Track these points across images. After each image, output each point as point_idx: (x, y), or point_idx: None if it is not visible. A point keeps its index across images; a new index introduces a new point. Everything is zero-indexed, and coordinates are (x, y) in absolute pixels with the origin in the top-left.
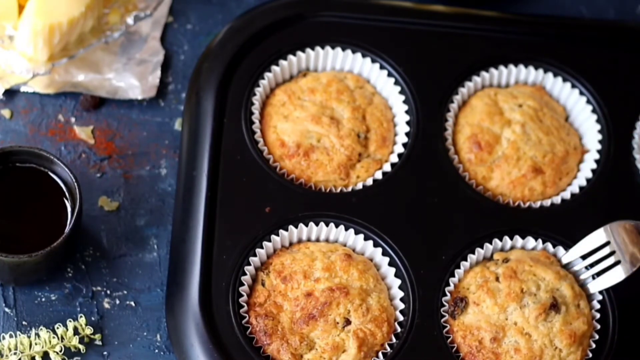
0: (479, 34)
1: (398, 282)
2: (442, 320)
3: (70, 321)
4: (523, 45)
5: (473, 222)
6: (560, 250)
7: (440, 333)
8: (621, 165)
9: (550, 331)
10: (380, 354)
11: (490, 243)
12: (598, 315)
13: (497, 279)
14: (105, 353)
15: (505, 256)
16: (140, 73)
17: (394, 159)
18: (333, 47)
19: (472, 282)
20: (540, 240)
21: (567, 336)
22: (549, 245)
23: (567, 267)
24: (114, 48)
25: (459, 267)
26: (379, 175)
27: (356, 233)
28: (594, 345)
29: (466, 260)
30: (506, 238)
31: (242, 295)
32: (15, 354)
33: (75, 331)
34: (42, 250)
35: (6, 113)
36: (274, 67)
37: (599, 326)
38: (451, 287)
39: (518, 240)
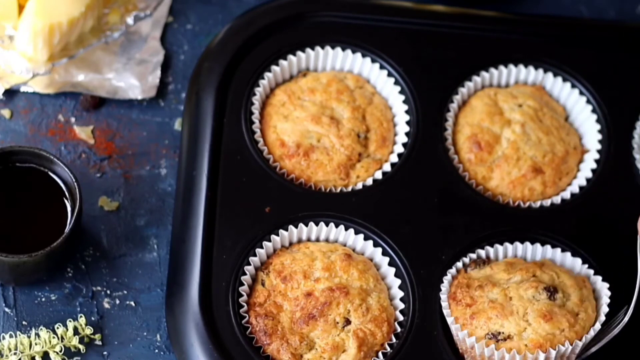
0: (479, 34)
1: (398, 282)
2: (454, 271)
3: (70, 321)
4: (523, 45)
5: (473, 222)
6: (596, 279)
7: (440, 333)
8: (621, 165)
9: (531, 304)
10: (380, 354)
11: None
12: (592, 334)
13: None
14: (105, 353)
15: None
16: (140, 73)
17: (394, 159)
18: (333, 47)
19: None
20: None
21: (541, 314)
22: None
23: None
24: (114, 48)
25: (457, 267)
26: (379, 175)
27: (356, 233)
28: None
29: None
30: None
31: (242, 295)
32: (15, 354)
33: (75, 331)
34: (42, 250)
35: (6, 113)
36: (274, 67)
37: (580, 344)
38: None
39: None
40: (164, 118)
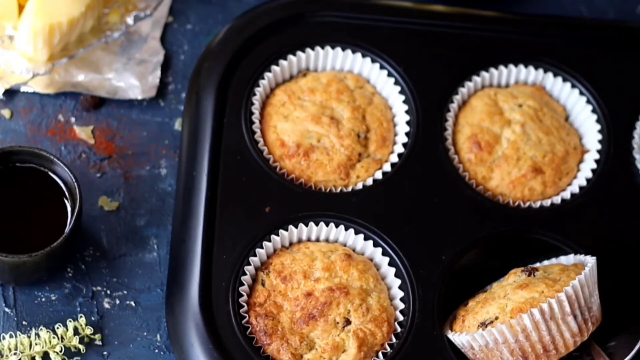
0: (479, 34)
1: (398, 282)
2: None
3: (70, 321)
4: (523, 45)
5: (473, 222)
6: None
7: (440, 333)
8: (621, 165)
9: (511, 287)
10: (380, 354)
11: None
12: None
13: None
14: (105, 353)
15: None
16: (140, 73)
17: (394, 159)
18: (333, 47)
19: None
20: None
21: (518, 286)
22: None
23: None
24: (114, 48)
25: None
26: (379, 175)
27: (356, 233)
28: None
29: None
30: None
31: (242, 295)
32: (15, 354)
33: (75, 331)
34: (42, 250)
35: (6, 113)
36: (274, 67)
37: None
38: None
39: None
40: (164, 118)
